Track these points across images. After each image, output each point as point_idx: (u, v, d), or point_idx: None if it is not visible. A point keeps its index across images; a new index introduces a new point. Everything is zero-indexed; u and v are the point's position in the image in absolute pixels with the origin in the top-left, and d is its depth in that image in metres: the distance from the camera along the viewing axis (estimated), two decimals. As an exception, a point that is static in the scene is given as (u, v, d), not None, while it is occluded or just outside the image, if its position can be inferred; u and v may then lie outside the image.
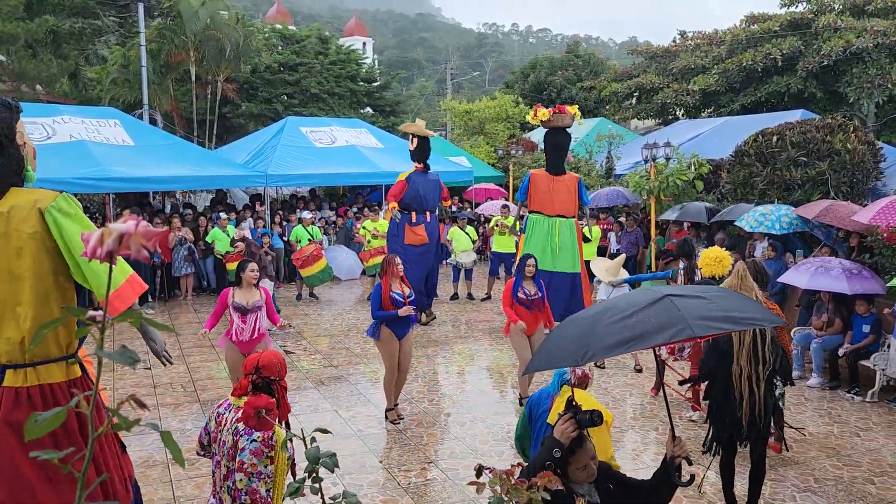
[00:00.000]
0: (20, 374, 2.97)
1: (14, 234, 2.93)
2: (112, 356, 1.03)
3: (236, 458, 3.30)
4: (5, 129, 3.01)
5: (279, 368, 3.52)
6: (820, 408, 7.52)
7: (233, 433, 3.34)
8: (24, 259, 2.94)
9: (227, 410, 3.52)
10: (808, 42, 20.20)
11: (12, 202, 2.98)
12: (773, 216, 10.02)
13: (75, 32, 23.90)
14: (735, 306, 2.78)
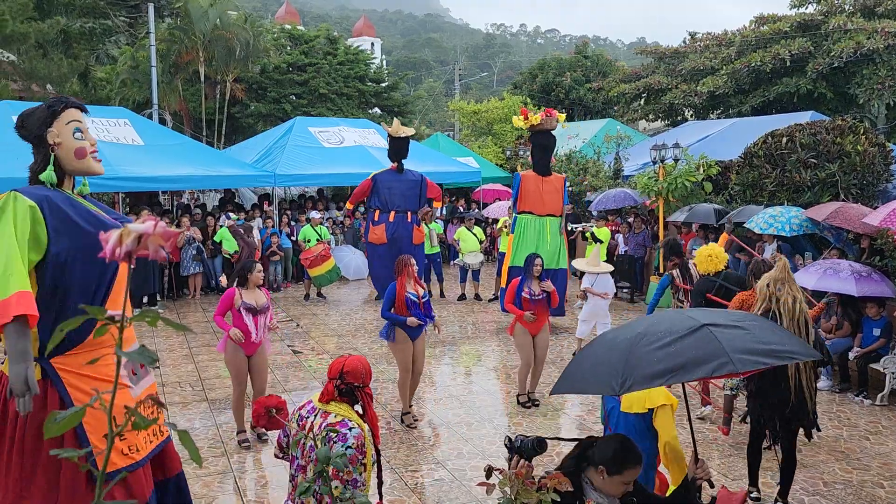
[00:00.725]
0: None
1: None
2: (131, 356, 1.04)
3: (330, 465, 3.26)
4: (36, 129, 3.14)
5: (363, 375, 3.44)
6: (829, 411, 7.49)
7: (323, 440, 3.26)
8: None
9: (311, 414, 3.44)
10: (818, 43, 20.13)
11: None
12: (782, 218, 9.99)
13: (86, 32, 24.03)
14: (774, 339, 2.72)
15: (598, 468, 2.95)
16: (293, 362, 9.12)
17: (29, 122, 3.14)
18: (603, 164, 16.91)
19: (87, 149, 3.17)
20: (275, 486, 5.59)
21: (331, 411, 3.37)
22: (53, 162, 3.13)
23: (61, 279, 2.96)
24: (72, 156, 3.16)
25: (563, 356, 9.49)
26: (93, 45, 25.20)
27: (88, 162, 3.20)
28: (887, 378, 7.68)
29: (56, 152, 3.13)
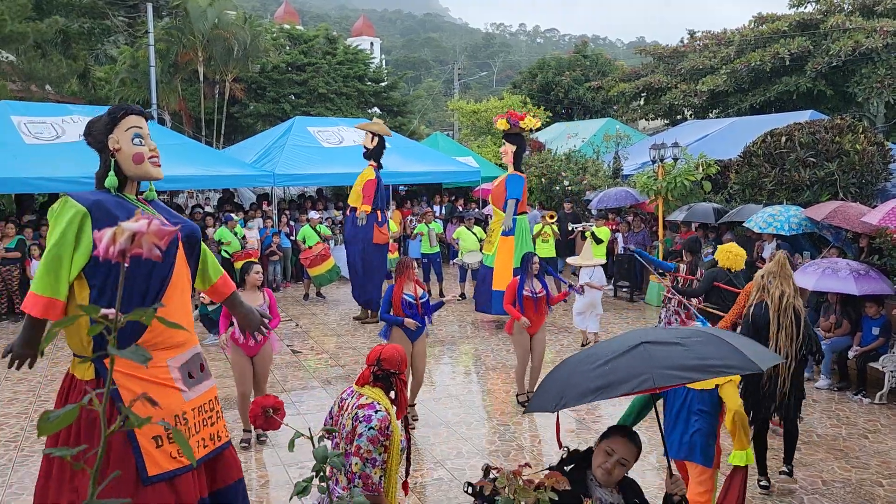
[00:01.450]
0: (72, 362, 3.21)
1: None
2: (124, 354, 1.04)
3: (353, 442, 3.43)
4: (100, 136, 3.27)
5: (399, 363, 3.64)
6: (828, 409, 7.49)
7: (352, 418, 3.48)
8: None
9: (349, 396, 3.66)
10: (817, 42, 20.13)
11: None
12: (781, 217, 9.99)
13: (84, 32, 24.01)
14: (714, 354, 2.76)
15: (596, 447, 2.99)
16: (292, 362, 9.12)
17: (93, 130, 3.28)
18: (602, 164, 16.91)
19: (144, 154, 3.29)
20: (275, 485, 5.59)
21: (364, 394, 3.59)
22: (114, 167, 3.26)
23: (108, 280, 3.06)
24: (130, 161, 3.29)
25: (562, 355, 9.50)
26: (91, 44, 25.17)
27: (146, 167, 3.33)
28: (886, 377, 7.68)
29: (116, 157, 3.26)
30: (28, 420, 6.98)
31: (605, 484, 2.94)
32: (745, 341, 3.02)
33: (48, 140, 12.45)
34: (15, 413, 7.17)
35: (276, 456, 6.12)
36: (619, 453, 2.93)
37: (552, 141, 21.05)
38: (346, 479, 3.46)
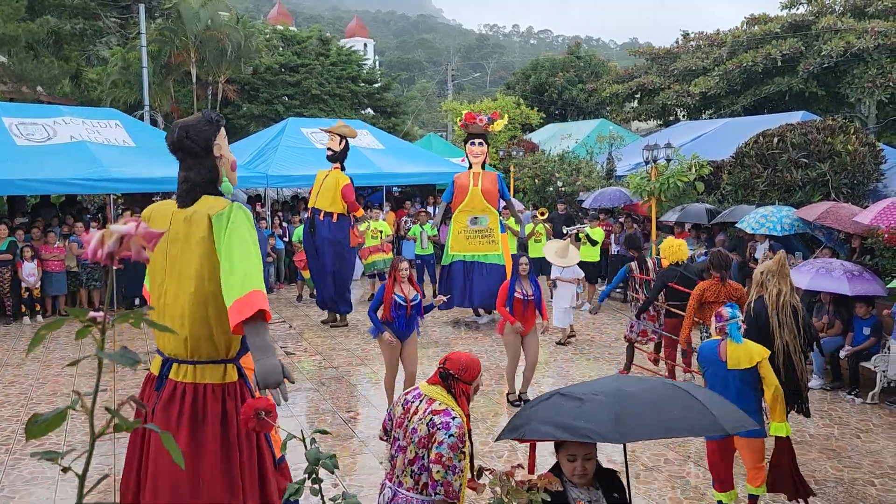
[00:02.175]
0: (181, 370, 3.24)
1: (191, 237, 3.21)
2: (113, 357, 1.03)
3: (432, 450, 3.39)
4: (204, 141, 3.32)
5: (463, 369, 3.62)
6: (820, 409, 7.52)
7: (427, 424, 3.44)
8: (195, 261, 3.19)
9: (416, 399, 3.62)
10: (809, 43, 20.23)
11: (196, 208, 3.26)
12: (774, 217, 10.03)
13: (76, 33, 23.92)
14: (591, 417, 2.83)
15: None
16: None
17: (195, 134, 3.30)
18: (595, 165, 16.95)
19: (235, 162, 3.51)
20: (267, 487, 5.57)
21: (436, 398, 3.56)
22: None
23: None
24: (229, 167, 3.46)
25: (556, 356, 9.51)
26: (83, 46, 25.07)
27: (234, 174, 3.53)
28: (878, 376, 7.72)
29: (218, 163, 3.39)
30: (19, 423, 6.94)
31: (584, 484, 2.93)
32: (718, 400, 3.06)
33: (40, 141, 12.39)
34: (6, 416, 7.13)
35: (269, 458, 6.11)
36: (580, 452, 2.91)
37: (546, 142, 21.09)
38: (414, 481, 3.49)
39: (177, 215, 3.29)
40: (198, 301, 3.18)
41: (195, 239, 3.19)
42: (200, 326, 3.20)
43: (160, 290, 3.31)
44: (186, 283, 3.20)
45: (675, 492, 5.58)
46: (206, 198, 3.31)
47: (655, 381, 3.35)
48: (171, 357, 3.26)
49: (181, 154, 3.33)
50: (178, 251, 3.24)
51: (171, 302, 3.25)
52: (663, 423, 2.77)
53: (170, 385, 3.22)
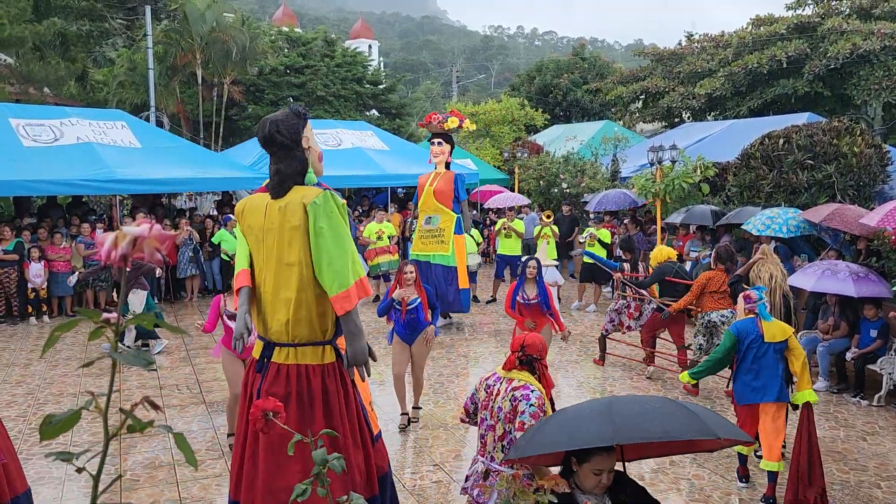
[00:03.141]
0: (283, 353, 3.46)
1: (286, 226, 3.39)
2: (126, 358, 1.04)
3: (516, 420, 3.73)
4: (294, 134, 3.49)
5: (540, 349, 3.98)
6: (826, 412, 7.50)
7: (510, 400, 3.80)
8: (293, 249, 3.39)
9: (497, 382, 3.97)
10: (815, 45, 20.17)
11: (290, 198, 3.44)
12: (780, 219, 10.00)
13: (83, 35, 24.00)
14: (569, 434, 2.96)
15: (572, 462, 2.98)
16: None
17: (285, 129, 3.48)
18: (600, 166, 16.93)
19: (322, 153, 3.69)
20: (272, 488, 5.58)
21: (514, 378, 3.91)
22: None
23: None
24: (316, 158, 3.62)
25: (562, 356, 9.50)
26: (90, 47, 25.17)
27: (321, 164, 3.68)
28: (884, 379, 7.69)
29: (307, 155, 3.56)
30: (26, 423, 6.97)
31: (595, 489, 2.95)
32: (710, 414, 3.10)
33: (46, 143, 12.44)
34: (14, 416, 7.16)
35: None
36: (606, 467, 2.95)
37: (550, 143, 21.08)
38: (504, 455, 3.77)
39: (271, 206, 3.47)
40: (298, 287, 3.39)
41: (290, 227, 3.37)
42: (300, 310, 3.42)
43: (260, 278, 3.54)
44: (286, 270, 3.40)
45: (680, 494, 5.58)
46: (298, 188, 3.49)
47: (649, 396, 3.46)
48: (272, 341, 3.47)
49: (272, 148, 3.50)
50: (273, 240, 3.43)
51: (270, 289, 3.47)
52: (658, 425, 2.82)
53: (273, 367, 3.45)
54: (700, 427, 2.81)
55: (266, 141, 3.50)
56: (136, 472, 5.81)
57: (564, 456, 3.03)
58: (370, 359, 3.44)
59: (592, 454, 2.92)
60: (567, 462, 3.02)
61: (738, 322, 5.73)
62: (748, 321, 5.61)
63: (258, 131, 3.57)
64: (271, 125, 3.48)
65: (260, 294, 3.54)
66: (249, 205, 3.62)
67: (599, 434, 2.78)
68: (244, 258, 3.64)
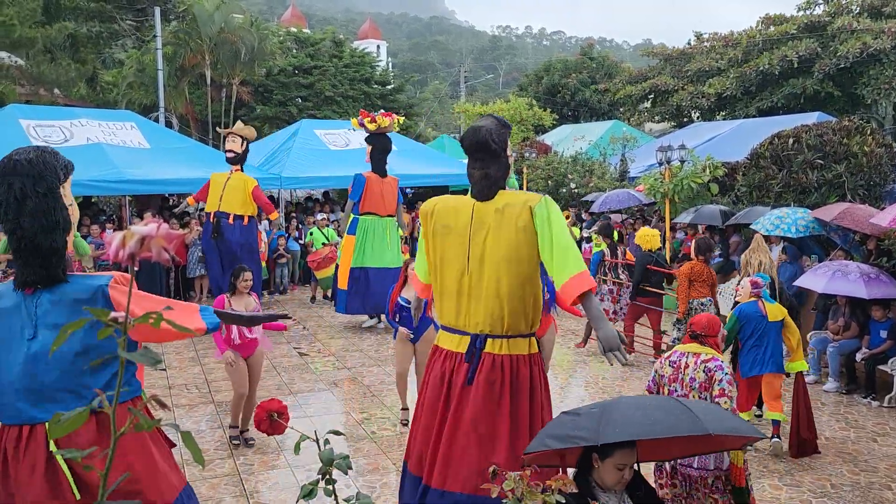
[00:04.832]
0: (497, 344, 3.66)
1: (505, 226, 3.60)
2: (134, 357, 1.05)
3: (713, 387, 4.26)
4: (503, 142, 3.73)
5: (706, 326, 4.46)
6: (836, 412, 7.45)
7: (703, 370, 4.32)
8: (512, 247, 3.59)
9: (681, 357, 4.47)
10: (825, 44, 20.07)
11: (506, 201, 3.66)
12: (789, 219, 9.95)
13: (92, 36, 24.13)
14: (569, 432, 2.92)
15: (593, 458, 2.96)
16: (299, 364, 9.13)
17: (497, 137, 3.71)
18: (609, 166, 16.91)
19: None
20: (281, 487, 5.60)
21: (700, 352, 4.43)
22: None
23: None
24: (511, 164, 3.90)
25: (570, 357, 9.49)
26: (99, 48, 25.30)
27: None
28: (895, 380, 7.64)
29: (509, 161, 3.84)
30: (36, 422, 7.00)
31: (616, 485, 2.95)
32: (707, 408, 3.10)
33: (57, 143, 12.51)
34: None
35: (282, 458, 6.13)
36: (629, 462, 2.94)
37: (558, 143, 21.06)
38: None
39: (481, 207, 3.70)
40: (518, 282, 3.60)
41: (514, 227, 3.58)
42: (518, 304, 3.63)
43: (460, 273, 3.71)
44: (503, 266, 3.59)
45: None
46: (504, 192, 3.74)
47: (654, 396, 3.46)
48: (482, 333, 3.67)
49: (483, 154, 3.71)
50: (484, 238, 3.64)
51: (476, 284, 3.66)
52: (643, 425, 2.84)
53: (488, 358, 3.65)
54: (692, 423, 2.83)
55: (478, 147, 3.70)
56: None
57: (583, 452, 3.03)
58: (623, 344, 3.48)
59: (616, 449, 2.92)
60: (586, 459, 3.02)
61: (742, 304, 6.34)
62: (752, 304, 6.26)
63: (468, 137, 3.76)
64: (486, 133, 3.69)
65: (466, 289, 3.71)
66: (441, 207, 3.84)
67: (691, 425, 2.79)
68: (424, 271, 4.01)
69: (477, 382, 3.62)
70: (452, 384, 3.71)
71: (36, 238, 2.75)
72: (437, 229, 3.81)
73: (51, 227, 2.80)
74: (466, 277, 3.69)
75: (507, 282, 3.59)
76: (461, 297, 3.73)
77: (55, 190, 2.89)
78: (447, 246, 3.77)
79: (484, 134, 3.68)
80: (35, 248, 2.75)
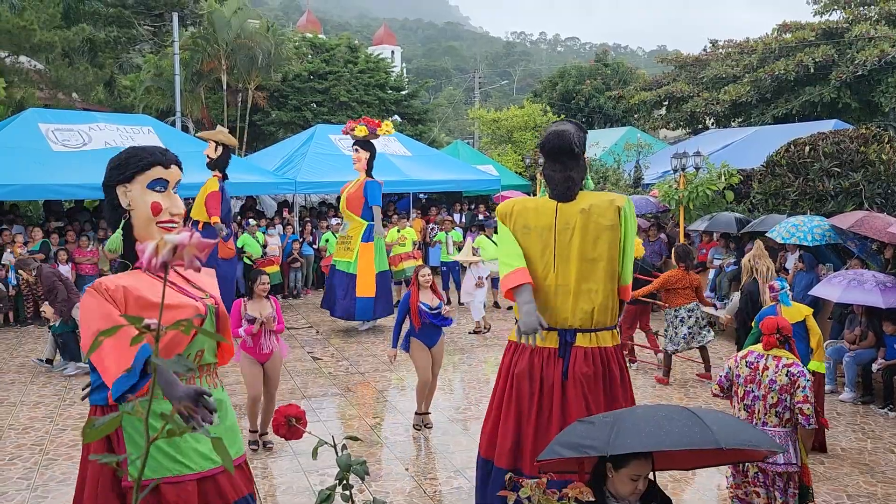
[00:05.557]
0: (587, 337, 3.85)
1: (592, 225, 3.78)
2: (167, 364, 1.07)
3: (796, 393, 4.40)
4: (584, 146, 3.91)
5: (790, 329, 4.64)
6: (853, 423, 7.39)
7: (786, 375, 4.44)
8: (599, 245, 3.79)
9: (759, 359, 4.59)
10: (842, 51, 19.94)
11: (590, 201, 3.85)
12: (805, 227, 9.88)
13: (110, 41, 24.38)
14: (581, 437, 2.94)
15: (607, 468, 2.96)
16: (312, 369, 9.17)
17: (579, 141, 3.89)
18: (623, 173, 16.85)
19: None
20: (296, 491, 5.62)
21: (781, 356, 4.53)
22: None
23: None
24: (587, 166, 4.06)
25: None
26: (117, 53, 25.55)
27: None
28: (912, 390, 7.57)
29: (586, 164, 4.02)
30: (53, 423, 7.07)
31: (631, 495, 2.93)
32: (722, 419, 3.07)
33: (75, 147, 12.64)
34: (40, 416, 7.27)
35: (296, 462, 6.16)
36: (643, 472, 2.93)
37: (573, 149, 20.99)
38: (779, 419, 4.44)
39: (565, 208, 3.88)
40: (605, 278, 3.81)
41: (601, 226, 3.78)
42: (605, 299, 3.83)
43: (544, 271, 3.89)
44: (589, 265, 3.79)
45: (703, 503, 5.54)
46: (584, 192, 3.93)
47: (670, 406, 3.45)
48: (572, 328, 3.85)
49: (565, 157, 3.87)
50: (570, 238, 3.82)
51: (570, 281, 3.83)
52: (654, 436, 2.83)
53: (580, 352, 3.83)
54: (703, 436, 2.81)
55: (562, 150, 3.85)
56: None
57: (597, 462, 3.02)
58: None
59: (630, 459, 2.90)
60: (600, 468, 3.01)
61: (763, 310, 6.56)
62: (770, 309, 6.35)
63: (551, 141, 3.90)
64: (570, 137, 3.85)
65: (552, 286, 3.87)
66: (520, 208, 4.01)
67: (703, 437, 2.80)
68: (518, 256, 3.94)
69: (573, 376, 3.81)
70: (545, 378, 3.86)
71: None
72: (518, 229, 3.99)
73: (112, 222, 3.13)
74: (552, 275, 3.87)
75: (595, 278, 3.78)
76: (547, 294, 3.89)
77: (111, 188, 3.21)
78: (529, 245, 3.94)
79: (568, 138, 3.83)
80: None
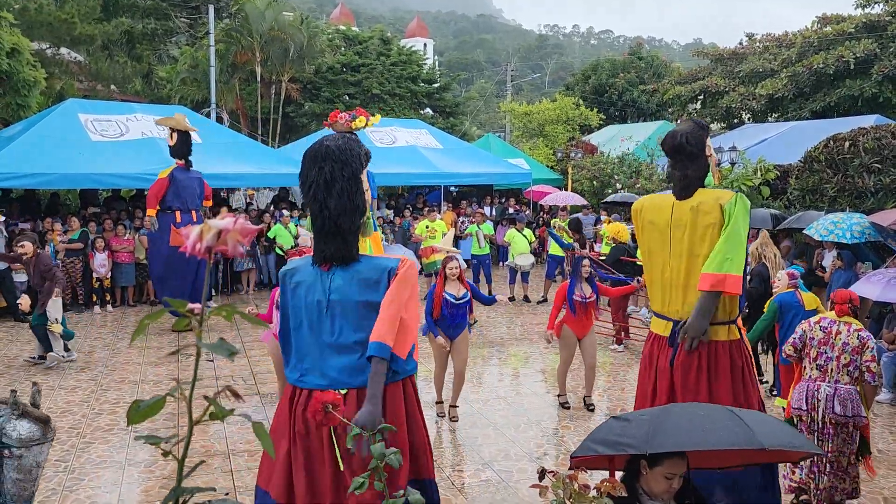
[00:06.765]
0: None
1: (699, 223, 3.91)
2: (211, 347, 1.08)
3: (865, 353, 4.81)
4: (700, 144, 3.96)
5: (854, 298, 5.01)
6: (890, 424, 7.24)
7: (857, 337, 4.85)
8: (704, 242, 3.89)
9: (832, 324, 4.96)
10: (885, 45, 19.45)
11: (700, 199, 3.96)
12: (843, 224, 9.68)
13: (148, 33, 24.74)
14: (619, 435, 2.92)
15: (641, 465, 2.93)
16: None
17: (693, 139, 3.95)
18: (656, 167, 16.67)
19: None
20: (324, 480, 5.66)
21: (851, 322, 4.91)
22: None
23: None
24: (714, 164, 4.12)
25: (611, 358, 9.40)
26: (154, 45, 25.92)
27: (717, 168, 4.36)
28: (953, 393, 7.39)
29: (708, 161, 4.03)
30: (89, 408, 7.22)
31: (664, 494, 2.90)
32: (762, 419, 3.03)
33: (113, 137, 12.85)
34: (77, 401, 7.43)
35: (326, 451, 6.21)
36: (678, 471, 2.89)
37: (605, 143, 20.85)
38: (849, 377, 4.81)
39: (679, 205, 4.00)
40: None
41: (705, 224, 3.88)
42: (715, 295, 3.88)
43: (661, 266, 4.09)
44: (696, 261, 3.91)
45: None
46: (703, 190, 4.01)
47: (707, 405, 3.42)
48: (681, 320, 3.99)
49: (680, 156, 3.97)
50: (681, 234, 3.96)
51: (676, 276, 4.01)
52: (694, 435, 2.80)
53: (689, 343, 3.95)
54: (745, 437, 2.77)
55: (676, 149, 3.96)
56: (191, 458, 5.96)
57: (630, 458, 3.00)
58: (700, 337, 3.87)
59: (666, 458, 2.87)
60: (634, 465, 2.99)
61: (780, 294, 6.67)
62: (789, 294, 6.59)
63: (667, 141, 4.02)
64: (681, 136, 3.94)
65: (666, 279, 4.06)
66: (649, 204, 4.20)
67: (746, 438, 2.77)
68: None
69: (676, 365, 3.97)
70: (659, 366, 4.08)
71: (339, 219, 3.00)
72: (645, 225, 4.18)
73: (353, 210, 3.03)
74: (668, 269, 4.05)
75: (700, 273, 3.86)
76: (665, 286, 4.09)
77: (358, 175, 3.10)
78: (652, 240, 4.14)
79: (679, 138, 3.94)
80: (337, 228, 3.01)
